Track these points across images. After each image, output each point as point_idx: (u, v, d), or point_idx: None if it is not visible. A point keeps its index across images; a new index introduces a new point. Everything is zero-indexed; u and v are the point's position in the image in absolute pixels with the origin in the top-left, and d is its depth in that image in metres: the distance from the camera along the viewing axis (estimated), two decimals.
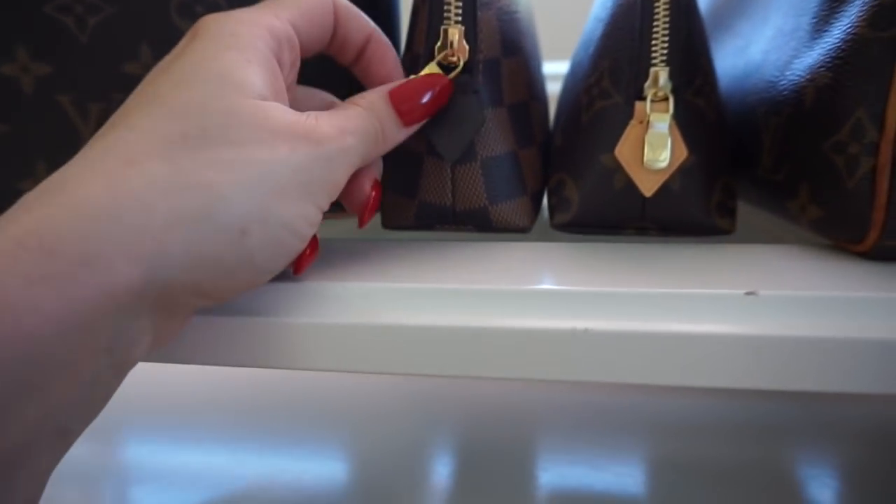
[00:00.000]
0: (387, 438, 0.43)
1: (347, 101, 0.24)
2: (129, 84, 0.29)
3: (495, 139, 0.28)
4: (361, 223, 0.25)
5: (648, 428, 0.44)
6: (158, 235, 0.18)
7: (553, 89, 0.38)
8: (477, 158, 0.27)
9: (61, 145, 0.29)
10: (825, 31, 0.25)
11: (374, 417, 0.46)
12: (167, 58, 0.22)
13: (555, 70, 0.52)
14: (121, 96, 0.30)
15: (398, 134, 0.24)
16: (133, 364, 0.19)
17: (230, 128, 0.19)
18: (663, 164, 0.25)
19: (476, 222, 0.28)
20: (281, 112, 0.20)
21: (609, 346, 0.20)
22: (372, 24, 0.26)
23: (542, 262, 0.25)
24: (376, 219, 0.30)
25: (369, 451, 0.42)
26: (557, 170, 0.29)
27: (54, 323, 0.16)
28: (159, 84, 0.20)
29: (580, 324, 0.20)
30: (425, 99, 0.25)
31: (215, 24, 0.21)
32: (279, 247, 0.20)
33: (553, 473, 0.39)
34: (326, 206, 0.22)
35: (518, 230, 0.28)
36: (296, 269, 0.23)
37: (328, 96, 0.27)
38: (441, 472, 0.40)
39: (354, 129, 0.22)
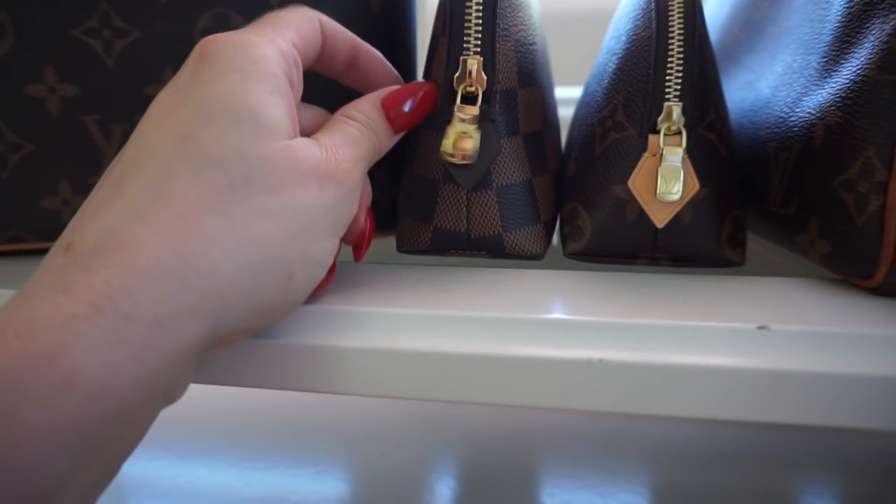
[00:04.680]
0: (391, 460, 0.43)
1: (343, 114, 0.24)
2: None
3: (511, 167, 0.28)
4: (359, 257, 0.26)
5: (654, 454, 0.44)
6: (222, 292, 0.18)
7: (563, 114, 0.39)
8: (493, 186, 0.28)
9: (85, 164, 0.30)
10: (835, 70, 0.26)
11: (378, 438, 0.46)
12: (179, 82, 0.21)
13: (566, 95, 0.53)
14: None
15: (390, 142, 0.25)
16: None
17: (269, 174, 0.19)
18: (675, 197, 0.26)
19: (490, 249, 0.28)
20: (308, 151, 0.21)
21: (623, 377, 0.20)
22: (353, 35, 0.26)
23: (556, 291, 0.25)
24: (391, 241, 0.30)
25: (373, 472, 0.42)
26: (571, 199, 0.29)
27: (131, 384, 0.17)
28: (183, 119, 0.19)
29: (595, 354, 0.20)
30: (412, 104, 0.26)
31: (229, 48, 0.21)
32: (314, 282, 0.21)
33: (558, 499, 0.39)
34: (343, 235, 0.23)
35: (531, 257, 0.29)
36: (315, 291, 0.24)
37: (318, 110, 0.27)
38: (445, 493, 0.40)
39: (362, 154, 0.23)
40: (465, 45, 0.27)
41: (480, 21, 0.27)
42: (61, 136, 0.30)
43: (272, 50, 0.21)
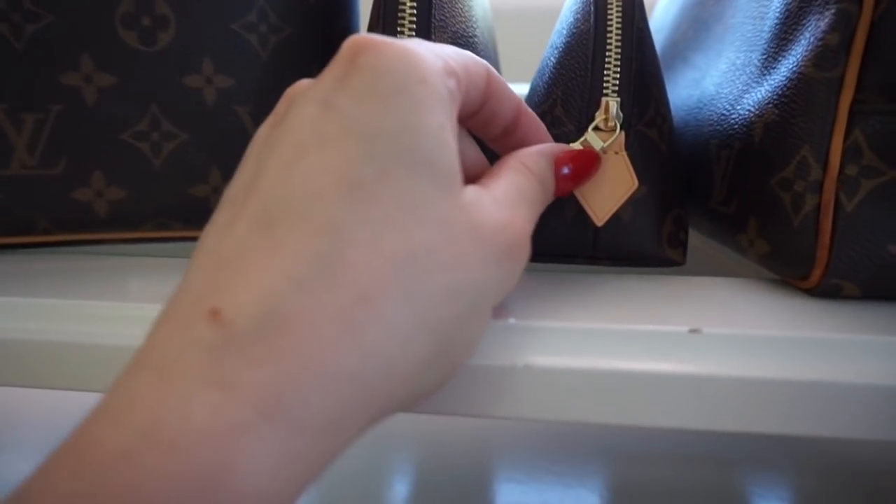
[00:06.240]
0: (346, 459, 0.42)
1: (520, 160, 0.20)
2: (67, 95, 0.28)
3: None
4: None
5: (600, 454, 0.43)
6: (393, 390, 0.15)
7: None
8: None
9: None
10: (773, 68, 0.25)
11: None
12: (329, 92, 0.16)
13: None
14: (58, 107, 0.28)
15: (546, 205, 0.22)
16: None
17: (452, 244, 0.16)
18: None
19: None
20: (485, 214, 0.17)
21: (548, 384, 0.19)
22: (517, 96, 0.22)
23: None
24: None
25: (329, 472, 0.41)
26: None
27: (292, 502, 0.14)
28: (350, 157, 0.15)
29: (520, 360, 0.19)
30: (580, 168, 0.23)
31: (393, 60, 0.16)
32: (465, 365, 0.18)
33: (509, 497, 0.38)
34: None
35: None
36: None
37: (471, 142, 0.23)
38: (396, 492, 0.39)
39: (534, 218, 0.19)
40: (398, 37, 0.26)
41: (415, 12, 0.26)
42: None
43: (438, 64, 0.17)
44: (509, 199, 0.18)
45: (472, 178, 0.20)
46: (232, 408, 0.13)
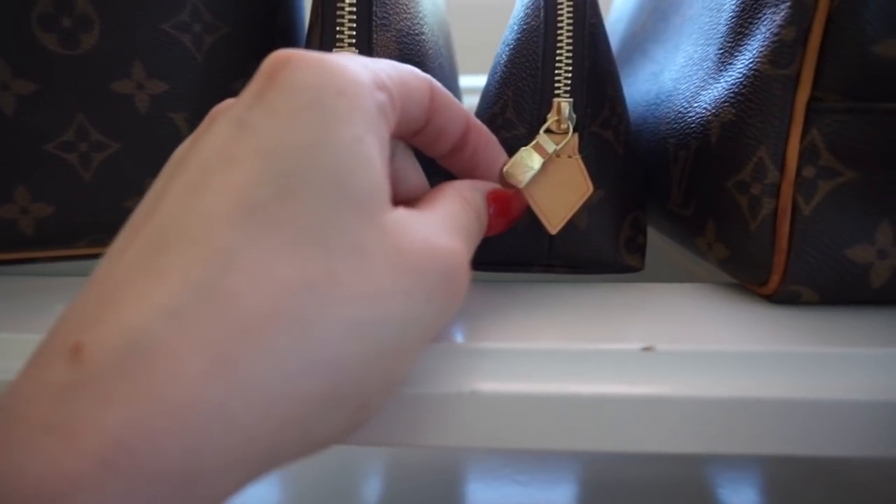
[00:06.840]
0: (321, 459, 0.41)
1: (456, 189, 0.19)
2: None
3: None
4: None
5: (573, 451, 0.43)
6: (275, 434, 0.13)
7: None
8: None
9: None
10: (730, 63, 0.24)
11: None
12: (242, 110, 0.15)
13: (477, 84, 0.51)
14: None
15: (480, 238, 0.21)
16: None
17: (361, 273, 0.14)
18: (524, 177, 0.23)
19: None
20: (416, 239, 0.16)
21: (497, 410, 0.18)
22: (465, 110, 0.21)
23: None
24: None
25: (304, 473, 0.40)
26: None
27: None
28: (249, 177, 0.14)
29: (466, 386, 0.18)
30: (497, 211, 0.21)
31: (310, 71, 0.15)
32: (385, 405, 0.16)
33: (483, 492, 0.38)
34: None
35: None
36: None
37: (414, 162, 0.21)
38: (370, 491, 0.38)
39: (472, 250, 0.18)
40: (338, 36, 0.25)
41: (354, 10, 0.25)
42: None
43: (364, 76, 0.16)
44: (447, 225, 0.17)
45: (413, 202, 0.19)
46: (71, 457, 0.11)
